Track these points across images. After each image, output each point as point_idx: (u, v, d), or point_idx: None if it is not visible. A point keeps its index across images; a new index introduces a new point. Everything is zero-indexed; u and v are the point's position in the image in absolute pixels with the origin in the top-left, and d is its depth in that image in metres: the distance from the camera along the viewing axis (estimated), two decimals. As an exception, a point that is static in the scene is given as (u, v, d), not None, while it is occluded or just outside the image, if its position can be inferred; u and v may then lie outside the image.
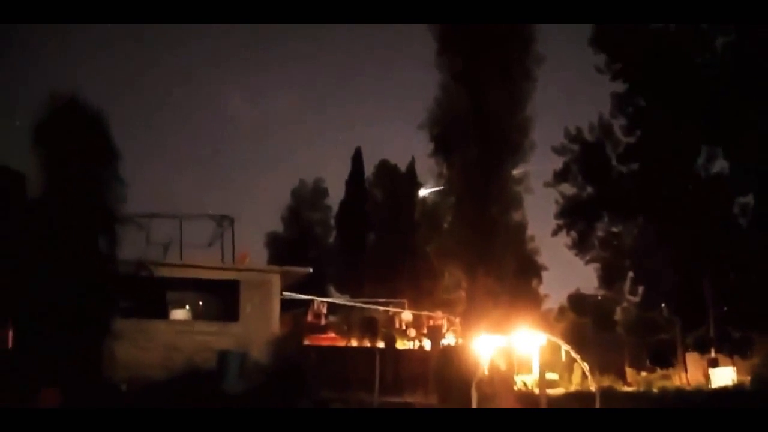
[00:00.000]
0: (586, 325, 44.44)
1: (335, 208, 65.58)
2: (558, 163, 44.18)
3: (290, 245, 60.82)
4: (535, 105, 31.82)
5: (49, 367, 21.28)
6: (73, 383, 21.07)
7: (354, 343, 37.03)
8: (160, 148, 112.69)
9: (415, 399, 25.64)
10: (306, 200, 66.60)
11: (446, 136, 31.86)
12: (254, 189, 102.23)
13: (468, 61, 30.53)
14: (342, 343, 36.10)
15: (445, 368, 26.83)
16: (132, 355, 23.26)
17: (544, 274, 55.65)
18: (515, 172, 32.00)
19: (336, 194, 65.88)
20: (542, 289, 57.06)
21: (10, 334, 23.16)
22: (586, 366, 27.36)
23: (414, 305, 35.86)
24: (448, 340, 33.01)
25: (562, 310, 58.12)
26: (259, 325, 27.69)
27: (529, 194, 33.38)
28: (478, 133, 30.78)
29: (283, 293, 29.84)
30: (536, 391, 26.90)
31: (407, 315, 34.10)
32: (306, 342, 32.22)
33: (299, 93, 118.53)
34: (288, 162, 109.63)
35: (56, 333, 21.78)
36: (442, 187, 34.01)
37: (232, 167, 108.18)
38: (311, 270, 32.32)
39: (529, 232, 43.90)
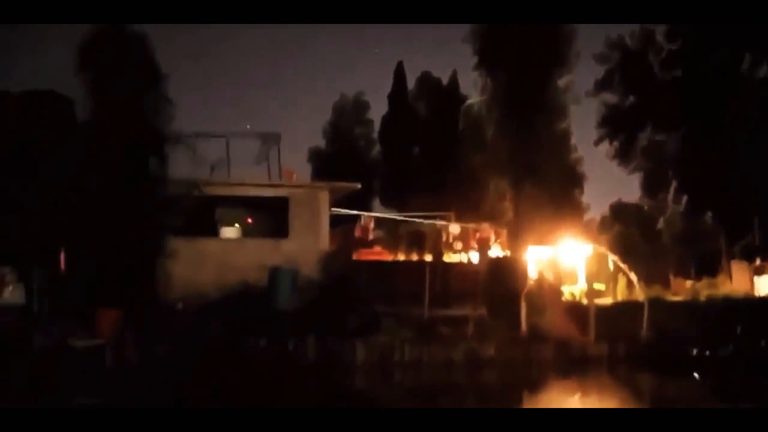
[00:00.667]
0: (631, 235, 44.28)
1: (377, 123, 65.12)
2: (600, 72, 43.56)
3: (333, 160, 60.50)
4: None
5: (104, 287, 21.79)
6: (130, 303, 21.58)
7: (401, 257, 37.22)
8: (204, 68, 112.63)
9: (465, 311, 25.78)
10: (348, 114, 65.74)
11: (490, 49, 31.66)
12: (295, 106, 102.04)
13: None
14: (389, 257, 36.24)
15: (494, 280, 27.02)
16: (185, 275, 23.74)
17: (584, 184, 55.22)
18: (560, 81, 31.87)
19: (377, 111, 65.37)
20: (583, 199, 56.81)
21: (62, 256, 23.66)
22: (634, 276, 27.58)
23: (460, 218, 35.80)
24: (495, 252, 33.06)
25: (604, 220, 57.97)
26: (309, 241, 28.02)
27: (575, 104, 33.32)
28: (522, 44, 30.57)
29: (331, 209, 29.97)
30: (584, 301, 27.12)
31: (454, 228, 34.09)
32: (354, 257, 32.40)
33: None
34: (328, 79, 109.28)
35: (108, 254, 22.23)
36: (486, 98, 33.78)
37: (273, 84, 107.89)
38: (359, 185, 32.41)
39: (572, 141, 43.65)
